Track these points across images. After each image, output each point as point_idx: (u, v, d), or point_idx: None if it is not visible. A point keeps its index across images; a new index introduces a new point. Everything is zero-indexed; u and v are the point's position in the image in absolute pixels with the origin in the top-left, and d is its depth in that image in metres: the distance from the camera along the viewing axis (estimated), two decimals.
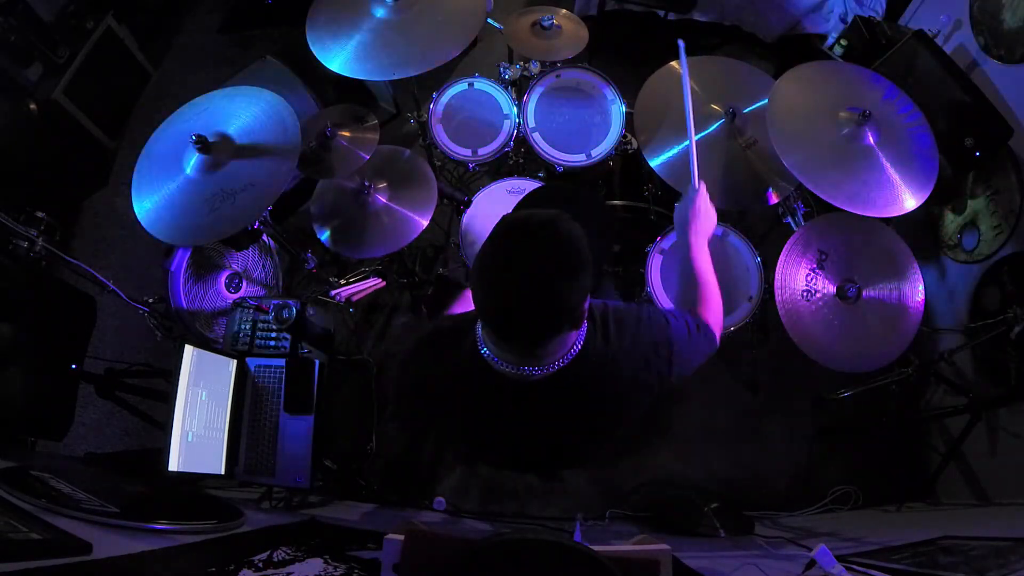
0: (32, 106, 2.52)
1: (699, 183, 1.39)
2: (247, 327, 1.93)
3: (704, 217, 1.34)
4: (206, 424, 1.70)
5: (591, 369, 0.99)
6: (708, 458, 2.38)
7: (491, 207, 2.06)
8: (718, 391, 2.46)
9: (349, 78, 1.84)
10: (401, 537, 1.17)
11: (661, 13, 2.85)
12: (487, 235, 0.89)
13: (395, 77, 1.83)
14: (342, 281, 2.18)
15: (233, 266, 2.25)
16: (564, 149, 2.09)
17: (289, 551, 1.39)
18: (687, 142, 1.53)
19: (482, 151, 2.10)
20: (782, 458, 2.39)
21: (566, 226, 0.87)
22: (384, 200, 2.04)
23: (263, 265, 2.36)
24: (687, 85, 1.53)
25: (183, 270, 2.06)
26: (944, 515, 2.11)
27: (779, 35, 2.88)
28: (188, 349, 1.67)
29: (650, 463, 2.38)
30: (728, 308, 1.93)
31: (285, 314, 1.86)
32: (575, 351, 0.96)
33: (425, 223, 2.00)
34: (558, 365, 0.95)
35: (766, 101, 1.80)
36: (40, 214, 2.51)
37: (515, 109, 2.14)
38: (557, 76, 2.17)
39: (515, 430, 1.08)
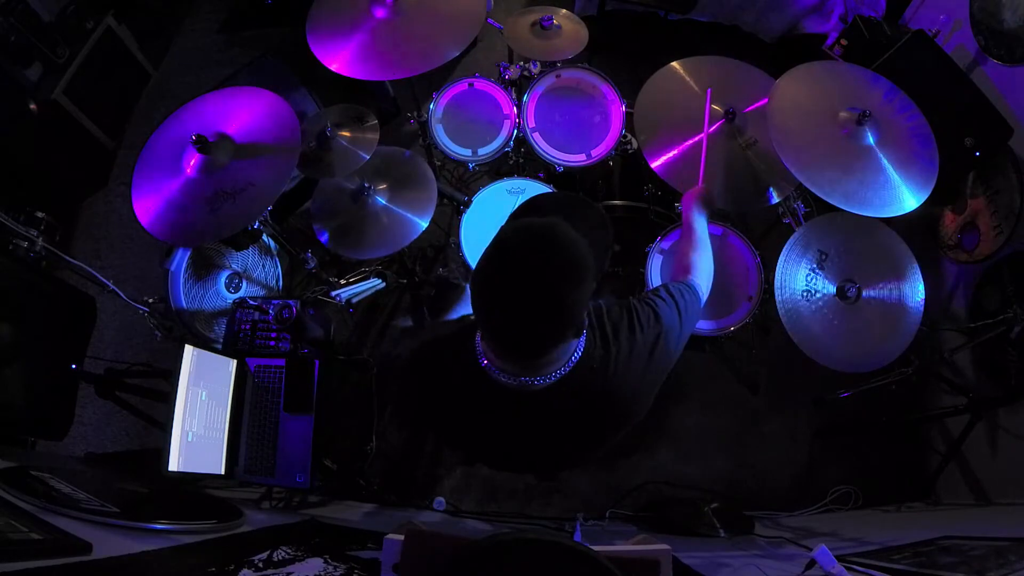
0: (32, 106, 2.52)
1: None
2: (247, 327, 1.93)
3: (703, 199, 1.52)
4: (206, 424, 1.70)
5: (591, 375, 0.98)
6: (708, 458, 2.38)
7: (491, 207, 2.06)
8: (718, 391, 2.46)
9: (349, 78, 1.84)
10: (401, 537, 1.17)
11: (661, 13, 2.85)
12: (487, 234, 0.89)
13: (395, 77, 1.83)
14: (342, 281, 2.18)
15: (233, 266, 2.25)
16: (564, 149, 2.08)
17: (289, 551, 1.39)
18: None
19: (482, 151, 2.10)
20: (782, 458, 2.39)
21: (567, 233, 0.86)
22: (384, 200, 2.04)
23: (263, 265, 2.36)
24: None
25: (183, 270, 2.06)
26: (944, 515, 2.11)
27: (779, 35, 2.88)
28: (188, 349, 1.68)
29: (650, 463, 2.38)
30: (728, 308, 1.93)
31: (285, 314, 1.86)
32: (575, 359, 0.96)
33: (425, 223, 2.00)
34: (559, 374, 0.94)
35: (766, 101, 1.80)
36: (40, 214, 2.51)
37: (515, 109, 2.14)
38: (557, 76, 2.17)
39: (515, 437, 1.08)
